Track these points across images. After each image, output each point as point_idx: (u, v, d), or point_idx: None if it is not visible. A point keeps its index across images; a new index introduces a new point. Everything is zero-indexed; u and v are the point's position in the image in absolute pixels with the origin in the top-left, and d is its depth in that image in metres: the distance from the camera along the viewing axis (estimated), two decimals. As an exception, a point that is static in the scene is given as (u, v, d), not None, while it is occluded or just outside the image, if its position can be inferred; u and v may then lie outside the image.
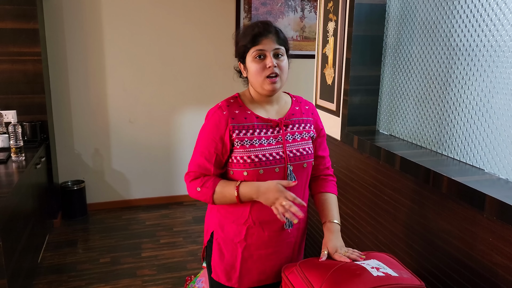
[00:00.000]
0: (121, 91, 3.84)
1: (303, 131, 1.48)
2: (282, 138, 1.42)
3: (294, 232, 1.48)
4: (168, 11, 3.79)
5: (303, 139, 1.46)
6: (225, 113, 1.39)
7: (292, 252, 1.50)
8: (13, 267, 2.15)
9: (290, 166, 1.40)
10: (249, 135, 1.39)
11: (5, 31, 3.13)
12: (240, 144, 1.38)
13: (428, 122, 1.82)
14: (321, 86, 2.52)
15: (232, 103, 1.43)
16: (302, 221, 1.51)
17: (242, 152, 1.38)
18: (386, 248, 1.88)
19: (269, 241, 1.43)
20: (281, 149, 1.40)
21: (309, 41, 4.29)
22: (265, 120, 1.42)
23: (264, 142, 1.39)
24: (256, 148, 1.38)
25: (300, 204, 1.28)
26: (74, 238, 3.36)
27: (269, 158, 1.38)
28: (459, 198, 1.40)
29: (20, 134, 2.74)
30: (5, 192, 2.18)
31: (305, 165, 1.45)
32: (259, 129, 1.40)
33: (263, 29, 1.35)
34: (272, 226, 1.42)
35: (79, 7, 3.60)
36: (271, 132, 1.41)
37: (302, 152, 1.44)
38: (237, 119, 1.39)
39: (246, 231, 1.42)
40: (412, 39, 1.90)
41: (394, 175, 1.80)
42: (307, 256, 1.64)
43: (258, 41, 1.35)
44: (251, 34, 1.35)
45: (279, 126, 1.43)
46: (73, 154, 3.84)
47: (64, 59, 3.65)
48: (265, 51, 1.35)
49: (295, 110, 1.50)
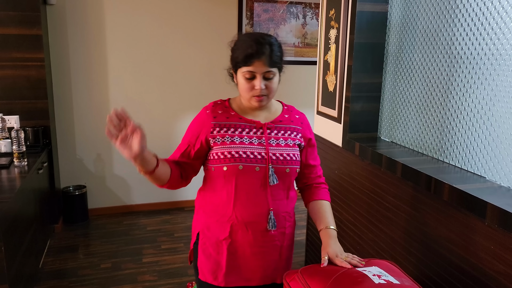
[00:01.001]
0: (123, 97, 3.86)
1: (288, 138, 1.47)
2: (265, 140, 1.43)
3: (279, 236, 1.48)
4: (170, 18, 3.82)
5: (287, 145, 1.46)
6: (208, 112, 1.45)
7: (278, 256, 1.50)
8: (14, 272, 2.15)
9: (272, 167, 1.41)
10: (230, 132, 1.42)
11: (9, 37, 3.15)
12: (221, 141, 1.41)
13: (429, 129, 1.82)
14: (322, 92, 2.53)
15: (219, 105, 1.48)
16: (289, 226, 1.51)
17: (222, 148, 1.40)
18: (387, 255, 1.88)
19: (253, 240, 1.43)
20: (263, 150, 1.41)
21: (310, 48, 4.31)
22: (248, 121, 1.44)
23: (245, 140, 1.41)
24: (236, 145, 1.40)
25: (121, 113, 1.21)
26: (75, 243, 3.36)
27: (250, 156, 1.39)
28: (460, 205, 1.40)
29: (23, 139, 2.75)
30: (7, 197, 2.18)
31: (287, 170, 1.44)
32: (241, 128, 1.43)
33: (256, 51, 1.33)
34: (255, 226, 1.43)
35: (82, 13, 3.63)
36: (254, 133, 1.43)
37: (285, 157, 1.43)
38: (219, 118, 1.43)
39: (231, 228, 1.43)
40: (414, 46, 1.91)
41: (395, 182, 1.80)
42: (308, 263, 1.63)
43: (250, 62, 1.33)
44: (244, 53, 1.34)
45: (263, 129, 1.44)
46: (75, 159, 3.85)
47: (67, 64, 3.68)
48: (255, 73, 1.35)
49: (284, 117, 1.51)
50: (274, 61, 1.36)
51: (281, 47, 1.40)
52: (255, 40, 1.34)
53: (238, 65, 1.37)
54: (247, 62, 1.34)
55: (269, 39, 1.37)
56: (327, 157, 2.50)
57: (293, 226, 1.57)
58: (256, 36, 1.37)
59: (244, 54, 1.34)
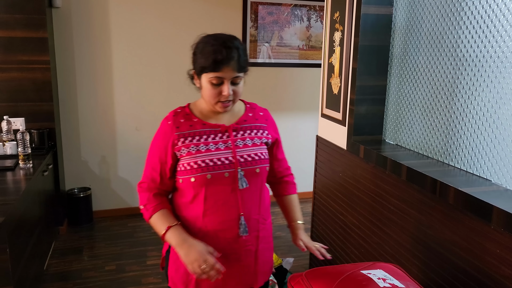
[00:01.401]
0: (128, 99, 3.87)
1: (255, 137, 1.45)
2: (232, 143, 1.40)
3: (253, 240, 1.43)
4: (175, 20, 3.83)
5: (255, 144, 1.44)
6: (169, 123, 1.40)
7: (253, 260, 1.45)
8: (19, 274, 2.16)
9: (241, 171, 1.38)
10: (195, 141, 1.38)
11: (14, 40, 3.17)
12: (187, 151, 1.37)
13: (434, 132, 1.82)
14: (327, 95, 2.53)
15: (179, 113, 1.43)
16: (262, 229, 1.47)
17: (189, 159, 1.36)
18: (392, 258, 1.87)
19: (225, 248, 1.39)
20: (231, 154, 1.38)
21: (315, 50, 4.31)
22: (213, 126, 1.41)
23: (211, 147, 1.38)
24: (202, 154, 1.36)
25: (220, 269, 1.28)
26: (79, 246, 3.37)
27: (217, 163, 1.36)
28: (466, 209, 1.39)
29: (28, 142, 2.76)
30: (12, 199, 2.20)
31: (257, 170, 1.42)
32: (206, 135, 1.39)
33: (226, 56, 1.28)
34: (226, 233, 1.38)
35: (88, 16, 3.65)
36: (220, 138, 1.40)
37: (254, 157, 1.41)
38: (182, 128, 1.39)
39: (201, 238, 1.37)
40: (419, 49, 1.90)
41: (400, 185, 1.80)
42: (312, 266, 1.63)
43: (219, 68, 1.29)
44: (213, 58, 1.29)
45: (228, 131, 1.41)
46: (80, 162, 3.87)
47: (72, 67, 3.70)
48: (223, 79, 1.31)
49: (248, 116, 1.48)
50: (241, 66, 1.33)
51: (245, 50, 1.38)
52: (223, 45, 1.30)
53: (205, 70, 1.32)
54: (216, 68, 1.29)
55: (236, 42, 1.33)
56: (331, 159, 2.50)
57: (269, 228, 1.53)
58: (223, 40, 1.32)
59: (213, 59, 1.28)
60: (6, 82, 3.21)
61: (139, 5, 3.74)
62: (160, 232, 1.38)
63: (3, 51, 3.16)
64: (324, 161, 2.62)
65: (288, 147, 4.49)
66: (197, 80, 1.39)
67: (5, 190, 2.35)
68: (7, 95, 3.22)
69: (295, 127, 4.40)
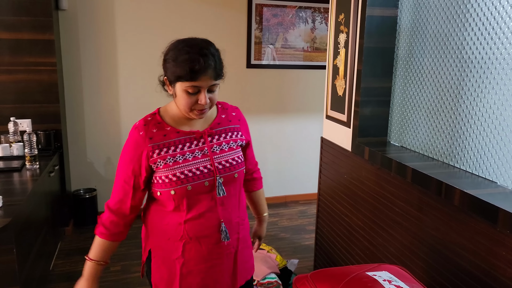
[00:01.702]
0: (133, 101, 3.89)
1: (230, 140, 1.43)
2: (208, 150, 1.36)
3: (234, 242, 1.43)
4: (180, 22, 3.85)
5: (231, 148, 1.41)
6: (141, 134, 1.33)
7: (233, 262, 1.45)
8: (26, 275, 2.17)
9: (220, 178, 1.35)
10: (171, 152, 1.32)
11: (22, 42, 3.20)
12: (164, 163, 1.31)
13: (440, 134, 1.81)
14: (332, 97, 2.53)
15: (150, 121, 1.36)
16: (242, 229, 1.47)
17: (167, 171, 1.31)
18: (397, 260, 1.87)
19: (208, 254, 1.38)
20: (209, 162, 1.35)
21: (319, 52, 4.32)
22: (187, 133, 1.36)
23: (188, 156, 1.33)
24: (180, 165, 1.32)
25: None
26: (85, 246, 3.38)
27: (196, 173, 1.32)
28: (472, 211, 1.39)
29: (35, 143, 2.78)
30: (19, 199, 2.21)
31: (236, 175, 1.40)
32: (181, 144, 1.34)
33: (204, 66, 1.23)
34: (209, 240, 1.37)
35: (93, 18, 3.68)
36: (196, 145, 1.35)
37: (231, 163, 1.39)
38: (156, 138, 1.32)
39: (183, 247, 1.36)
40: (424, 51, 1.90)
41: (405, 187, 1.80)
42: (317, 267, 1.63)
43: (196, 77, 1.23)
44: (190, 68, 1.22)
45: (203, 137, 1.38)
46: (86, 163, 3.89)
47: (78, 69, 3.72)
48: (200, 87, 1.26)
49: (221, 118, 1.45)
50: (218, 73, 1.29)
51: (220, 56, 1.32)
52: (200, 52, 1.24)
53: (180, 79, 1.25)
54: (193, 77, 1.23)
55: (211, 49, 1.28)
56: (336, 161, 2.50)
57: (247, 228, 1.53)
58: (199, 47, 1.26)
59: (190, 69, 1.22)
60: (13, 84, 3.24)
61: (144, 8, 3.76)
62: (88, 254, 1.41)
63: (11, 53, 3.19)
64: (328, 163, 2.62)
65: (292, 148, 4.50)
66: (170, 87, 1.32)
67: (12, 191, 2.37)
68: (14, 97, 3.25)
69: (300, 129, 4.40)
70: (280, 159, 4.41)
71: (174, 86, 1.29)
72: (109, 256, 1.45)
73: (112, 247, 1.43)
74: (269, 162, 4.36)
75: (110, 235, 1.40)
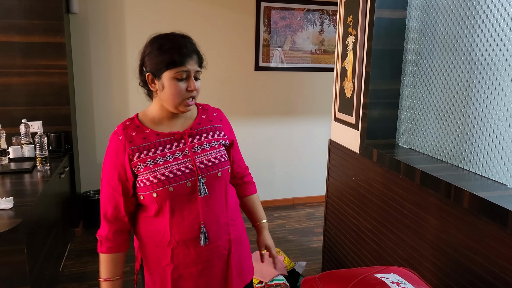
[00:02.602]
0: (143, 103, 3.90)
1: (212, 139, 1.40)
2: (189, 150, 1.34)
3: (225, 244, 1.39)
4: (189, 25, 3.87)
5: (213, 147, 1.39)
6: (121, 138, 1.32)
7: (225, 264, 1.41)
8: (36, 275, 2.20)
9: (202, 178, 1.33)
10: (151, 154, 1.31)
11: (33, 45, 3.24)
12: (144, 166, 1.30)
13: (449, 136, 1.81)
14: (340, 99, 2.53)
15: (128, 125, 1.35)
16: (233, 230, 1.43)
17: (148, 174, 1.30)
18: (406, 263, 1.86)
19: (197, 258, 1.35)
20: (190, 162, 1.33)
21: (328, 55, 4.31)
22: (167, 135, 1.34)
23: (169, 158, 1.31)
24: (161, 166, 1.30)
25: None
26: (94, 247, 3.37)
27: (177, 173, 1.30)
28: (481, 213, 1.38)
29: (46, 145, 2.82)
30: (30, 200, 2.24)
31: (219, 174, 1.37)
32: (161, 146, 1.33)
33: (190, 50, 1.28)
34: (197, 243, 1.34)
35: (104, 22, 3.72)
36: (176, 146, 1.34)
37: (214, 161, 1.36)
38: (135, 142, 1.32)
39: (171, 252, 1.34)
40: (433, 53, 1.90)
41: (414, 189, 1.79)
42: (325, 269, 1.63)
43: (185, 61, 1.26)
44: (178, 52, 1.26)
45: (184, 138, 1.36)
46: (95, 164, 3.92)
47: (88, 71, 3.76)
48: (190, 72, 1.28)
49: (201, 119, 1.43)
50: (201, 60, 1.33)
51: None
52: (183, 40, 1.30)
53: (169, 66, 1.26)
54: (181, 61, 1.26)
55: (190, 38, 1.33)
56: (344, 163, 2.49)
57: (240, 228, 1.48)
58: (179, 35, 1.31)
59: (178, 53, 1.26)
60: (25, 86, 3.28)
61: (154, 11, 3.80)
62: (100, 276, 1.40)
63: (22, 56, 3.24)
64: (337, 165, 2.62)
65: (300, 151, 4.50)
66: (154, 83, 1.31)
67: (23, 192, 2.40)
68: (25, 99, 3.30)
69: (308, 131, 4.40)
70: (288, 161, 4.41)
71: (160, 78, 1.29)
72: (122, 269, 1.42)
73: (122, 259, 1.41)
74: (277, 164, 4.36)
75: (117, 246, 1.38)
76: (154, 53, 1.28)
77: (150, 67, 1.30)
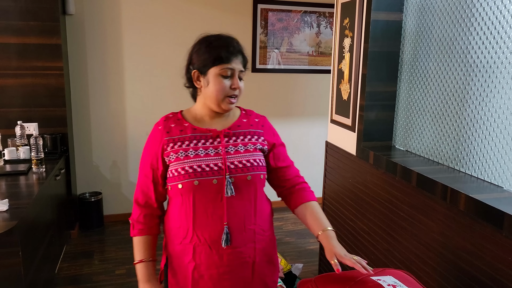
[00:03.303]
0: (139, 105, 3.91)
1: (248, 143, 1.39)
2: (222, 149, 1.34)
3: (250, 251, 1.35)
4: (186, 27, 3.87)
5: (247, 150, 1.37)
6: (160, 128, 1.38)
7: (251, 274, 1.37)
8: (31, 277, 2.19)
9: (230, 178, 1.31)
10: (184, 146, 1.34)
11: (29, 46, 3.23)
12: (175, 157, 1.33)
13: (445, 138, 1.81)
14: (336, 101, 2.53)
15: (170, 118, 1.41)
16: (260, 241, 1.38)
17: (177, 165, 1.32)
18: (402, 265, 1.86)
19: (219, 260, 1.33)
20: (220, 161, 1.32)
21: (324, 57, 4.32)
22: (203, 131, 1.36)
23: (200, 153, 1.33)
24: (191, 159, 1.32)
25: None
26: (90, 249, 3.40)
27: (205, 169, 1.31)
28: (477, 215, 1.38)
29: (41, 146, 2.80)
30: (25, 203, 2.23)
31: (249, 178, 1.34)
32: (196, 140, 1.35)
33: (236, 49, 1.33)
34: (220, 244, 1.32)
35: (100, 23, 3.71)
36: (210, 143, 1.35)
37: (245, 164, 1.34)
38: (172, 133, 1.36)
39: (194, 250, 1.33)
40: (429, 55, 1.90)
41: (410, 191, 1.79)
42: (321, 271, 1.62)
43: (231, 59, 1.31)
44: (226, 49, 1.31)
45: (220, 137, 1.36)
46: (91, 166, 3.91)
47: (84, 73, 3.75)
48: (234, 70, 1.32)
49: (242, 122, 1.43)
50: (245, 61, 1.36)
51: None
52: (230, 39, 1.35)
53: (216, 62, 1.30)
54: (228, 59, 1.30)
55: (237, 40, 1.38)
56: (341, 165, 2.49)
57: (269, 242, 1.43)
58: (226, 36, 1.36)
59: (226, 50, 1.31)
60: (20, 88, 3.27)
61: (150, 12, 3.79)
62: (134, 259, 1.41)
63: (18, 57, 3.22)
64: (333, 167, 2.62)
65: (297, 153, 4.50)
66: (199, 80, 1.35)
67: (18, 194, 2.39)
68: (21, 101, 3.28)
69: (305, 133, 4.40)
70: (285, 163, 4.40)
71: (206, 74, 1.33)
72: (155, 251, 1.43)
73: (153, 241, 1.43)
74: (274, 166, 4.34)
75: (148, 228, 1.41)
76: (203, 50, 1.34)
77: (198, 64, 1.34)
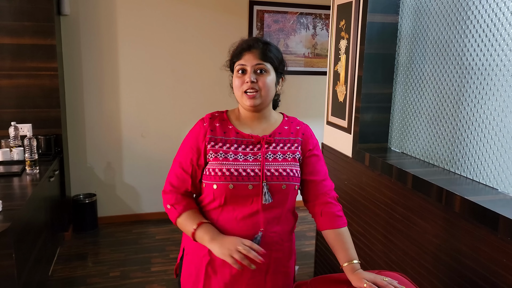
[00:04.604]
0: (134, 106, 3.90)
1: (288, 151, 1.39)
2: (262, 155, 1.35)
3: (265, 258, 1.27)
4: (181, 28, 3.86)
5: (285, 159, 1.37)
6: (205, 125, 1.40)
7: (264, 278, 1.36)
8: (24, 279, 2.16)
9: (266, 184, 1.31)
10: (225, 148, 1.35)
11: (23, 47, 3.21)
12: (214, 156, 1.34)
13: (440, 140, 1.81)
14: (332, 103, 2.53)
15: (216, 116, 1.43)
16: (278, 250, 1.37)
17: (215, 165, 1.33)
18: (397, 267, 1.86)
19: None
20: (258, 167, 1.33)
21: (320, 58, 4.33)
22: (246, 136, 1.38)
23: (240, 157, 1.34)
24: (229, 162, 1.33)
25: (259, 251, 1.22)
26: (84, 251, 3.37)
27: (242, 173, 1.31)
28: (472, 217, 1.38)
29: (35, 148, 2.78)
30: (19, 204, 2.21)
31: (284, 187, 1.33)
32: (237, 144, 1.36)
33: (249, 44, 1.36)
34: None
35: (95, 24, 3.69)
36: (251, 149, 1.36)
37: (281, 173, 1.34)
38: (216, 132, 1.38)
39: None
40: (425, 57, 1.91)
41: (406, 193, 1.79)
42: (317, 274, 1.61)
43: (241, 55, 1.36)
44: (239, 48, 1.38)
45: (261, 143, 1.37)
46: (86, 168, 3.89)
47: (79, 74, 3.73)
48: (245, 66, 1.34)
49: (283, 129, 1.43)
50: (266, 55, 1.35)
51: (279, 50, 1.41)
52: (251, 38, 1.41)
53: (233, 60, 1.39)
54: (239, 56, 1.36)
55: (266, 40, 1.40)
56: (337, 167, 2.49)
57: (287, 252, 1.42)
58: (254, 37, 1.42)
59: (240, 48, 1.37)
60: (15, 89, 3.24)
61: (146, 13, 3.78)
62: (191, 229, 1.33)
63: (12, 58, 3.20)
64: (329, 169, 2.60)
65: (293, 154, 4.47)
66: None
67: (11, 195, 2.37)
68: (15, 101, 3.26)
69: (300, 135, 4.39)
70: (280, 165, 4.40)
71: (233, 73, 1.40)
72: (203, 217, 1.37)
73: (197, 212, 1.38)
74: (270, 168, 4.34)
75: (189, 204, 1.38)
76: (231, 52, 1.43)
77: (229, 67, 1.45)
